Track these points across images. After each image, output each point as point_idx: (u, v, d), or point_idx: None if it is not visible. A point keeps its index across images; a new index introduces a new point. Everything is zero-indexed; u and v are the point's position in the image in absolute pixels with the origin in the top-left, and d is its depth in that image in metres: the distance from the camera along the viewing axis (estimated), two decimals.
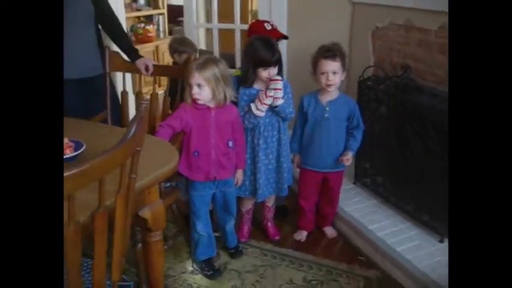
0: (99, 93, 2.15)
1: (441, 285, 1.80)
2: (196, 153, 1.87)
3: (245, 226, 2.33)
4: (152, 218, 1.45)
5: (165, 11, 4.82)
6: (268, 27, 2.37)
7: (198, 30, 3.67)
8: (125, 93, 2.20)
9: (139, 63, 2.13)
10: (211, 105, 1.86)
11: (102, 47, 2.19)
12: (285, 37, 2.46)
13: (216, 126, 1.87)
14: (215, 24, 3.30)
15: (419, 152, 2.18)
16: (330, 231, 2.41)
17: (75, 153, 1.46)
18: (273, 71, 2.01)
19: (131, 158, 1.12)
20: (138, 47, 2.40)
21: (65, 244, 0.99)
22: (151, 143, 1.53)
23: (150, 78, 2.23)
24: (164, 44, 4.63)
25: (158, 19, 4.72)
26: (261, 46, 2.02)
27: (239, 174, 2.04)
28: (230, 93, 1.86)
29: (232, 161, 1.96)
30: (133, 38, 4.48)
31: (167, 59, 4.26)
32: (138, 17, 4.69)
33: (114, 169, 1.05)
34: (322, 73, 2.08)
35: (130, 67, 2.17)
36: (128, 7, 4.40)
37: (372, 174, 2.56)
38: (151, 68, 2.13)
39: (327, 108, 2.15)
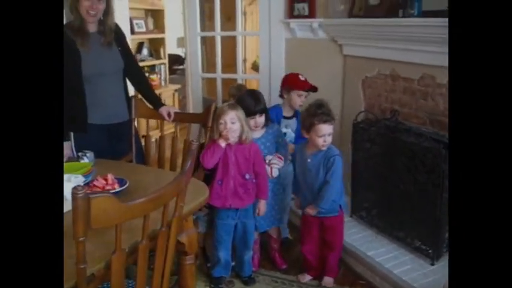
0: (124, 137, 2.40)
1: None
2: (219, 182, 2.17)
3: (255, 256, 2.55)
4: (188, 242, 1.69)
5: (166, 60, 5.18)
6: (302, 78, 2.68)
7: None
8: (148, 137, 2.47)
9: (163, 110, 2.40)
10: (233, 143, 2.14)
11: (127, 97, 2.46)
12: (315, 89, 2.66)
13: (235, 161, 2.16)
14: (219, 74, 3.64)
15: (409, 184, 2.47)
16: (326, 280, 2.39)
17: (121, 188, 1.71)
18: (259, 119, 2.28)
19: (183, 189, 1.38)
20: None
21: (112, 269, 1.16)
22: None
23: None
24: (167, 91, 4.96)
25: (160, 68, 5.07)
26: (247, 97, 2.32)
27: (261, 205, 2.26)
28: (250, 134, 2.15)
29: (249, 193, 2.21)
30: None
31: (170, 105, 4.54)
32: (143, 67, 5.01)
33: (172, 198, 1.31)
34: (320, 136, 2.20)
35: (154, 114, 2.45)
36: None
37: (367, 207, 2.83)
38: (173, 115, 2.40)
39: (309, 160, 2.30)
